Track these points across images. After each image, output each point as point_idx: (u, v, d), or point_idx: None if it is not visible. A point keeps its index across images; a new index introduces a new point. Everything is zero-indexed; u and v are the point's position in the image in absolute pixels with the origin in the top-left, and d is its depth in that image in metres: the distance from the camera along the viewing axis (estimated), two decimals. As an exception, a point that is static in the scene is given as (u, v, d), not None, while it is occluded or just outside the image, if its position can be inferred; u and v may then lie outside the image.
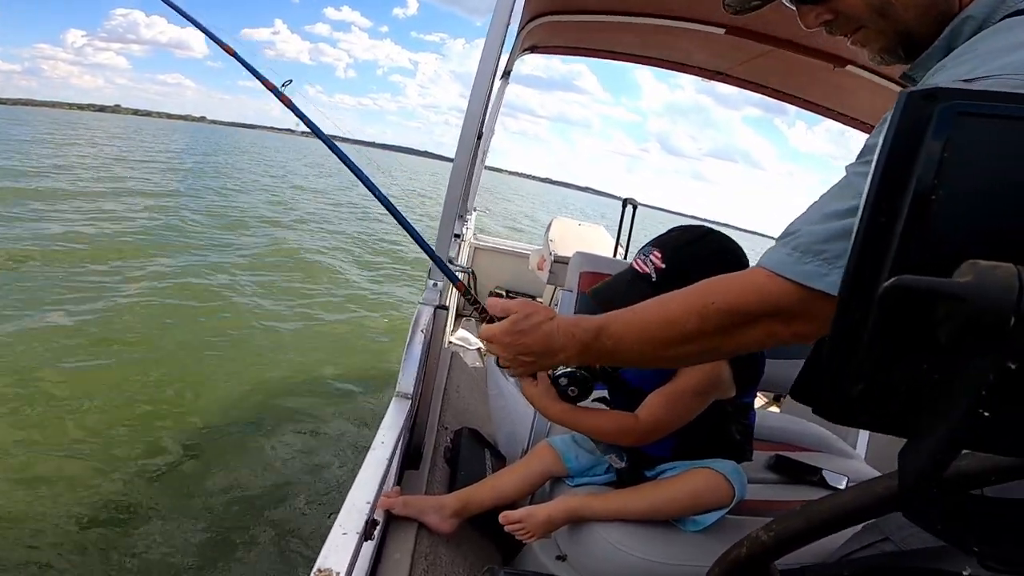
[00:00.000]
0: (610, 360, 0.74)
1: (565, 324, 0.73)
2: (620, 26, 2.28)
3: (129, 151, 21.03)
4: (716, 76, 2.69)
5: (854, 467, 1.31)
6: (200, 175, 15.43)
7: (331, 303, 5.60)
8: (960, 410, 0.24)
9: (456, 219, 1.41)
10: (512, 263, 3.72)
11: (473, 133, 1.34)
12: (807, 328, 0.59)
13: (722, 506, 0.94)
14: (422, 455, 1.33)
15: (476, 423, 1.69)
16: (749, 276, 0.62)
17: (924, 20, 0.62)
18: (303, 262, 7.15)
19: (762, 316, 0.60)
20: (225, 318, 4.62)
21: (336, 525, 0.71)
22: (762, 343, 0.63)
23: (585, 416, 0.95)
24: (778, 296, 0.58)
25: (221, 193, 12.59)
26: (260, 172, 21.55)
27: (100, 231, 6.83)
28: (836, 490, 1.19)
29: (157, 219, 8.21)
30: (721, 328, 0.62)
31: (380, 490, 0.81)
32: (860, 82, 2.32)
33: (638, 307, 0.68)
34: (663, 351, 0.66)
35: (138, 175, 12.79)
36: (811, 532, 0.42)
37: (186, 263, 6.10)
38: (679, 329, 0.64)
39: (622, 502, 0.94)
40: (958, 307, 0.24)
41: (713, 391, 0.94)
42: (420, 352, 1.17)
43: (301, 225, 9.95)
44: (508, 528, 0.98)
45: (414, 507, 1.03)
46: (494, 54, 1.36)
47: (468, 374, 2.17)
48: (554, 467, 1.08)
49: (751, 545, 0.46)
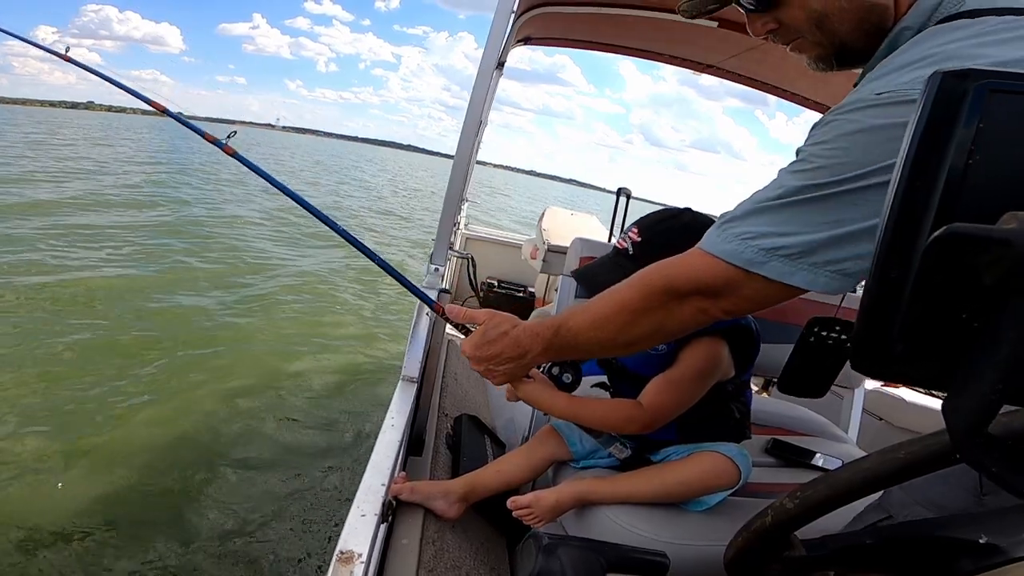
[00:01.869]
0: (573, 352, 0.79)
1: (529, 326, 0.80)
2: (614, 18, 2.29)
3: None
4: (707, 69, 2.71)
5: (847, 451, 1.35)
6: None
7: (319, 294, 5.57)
8: (1004, 354, 0.26)
9: (458, 206, 1.41)
10: (504, 253, 3.73)
11: (476, 122, 1.35)
12: (736, 303, 0.63)
13: (729, 487, 0.96)
14: (424, 441, 1.34)
15: (474, 410, 1.70)
16: (688, 256, 0.66)
17: (858, 33, 0.66)
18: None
19: (692, 293, 0.65)
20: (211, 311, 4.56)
21: (354, 507, 0.71)
22: (696, 318, 0.67)
23: (590, 406, 0.96)
24: (702, 273, 0.63)
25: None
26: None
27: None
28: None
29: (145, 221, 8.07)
30: (660, 305, 0.67)
31: (393, 472, 0.82)
32: (851, 78, 2.36)
33: (591, 301, 0.74)
34: (617, 335, 0.71)
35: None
36: (837, 497, 0.44)
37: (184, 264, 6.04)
38: (628, 311, 0.69)
39: (630, 486, 0.96)
40: (1005, 252, 0.25)
41: (715, 372, 0.95)
42: (425, 337, 1.18)
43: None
44: (516, 513, 0.99)
45: (421, 493, 1.04)
46: (497, 44, 1.37)
47: (463, 361, 2.18)
48: (558, 451, 1.09)
49: (776, 513, 0.48)
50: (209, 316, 4.45)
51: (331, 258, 6.97)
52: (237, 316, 4.57)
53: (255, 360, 3.75)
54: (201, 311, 4.52)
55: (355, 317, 5.12)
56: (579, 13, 2.23)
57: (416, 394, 1.09)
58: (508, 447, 1.54)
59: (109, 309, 4.18)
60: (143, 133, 33.35)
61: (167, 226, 7.60)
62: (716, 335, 0.95)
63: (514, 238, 3.79)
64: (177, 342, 3.79)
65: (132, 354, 3.50)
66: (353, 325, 4.89)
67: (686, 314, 0.66)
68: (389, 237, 9.76)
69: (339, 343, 4.36)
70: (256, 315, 4.67)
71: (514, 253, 3.56)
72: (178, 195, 10.69)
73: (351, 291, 5.91)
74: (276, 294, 5.36)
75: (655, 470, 0.98)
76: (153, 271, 5.39)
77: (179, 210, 9.05)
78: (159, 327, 4.01)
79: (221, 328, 4.25)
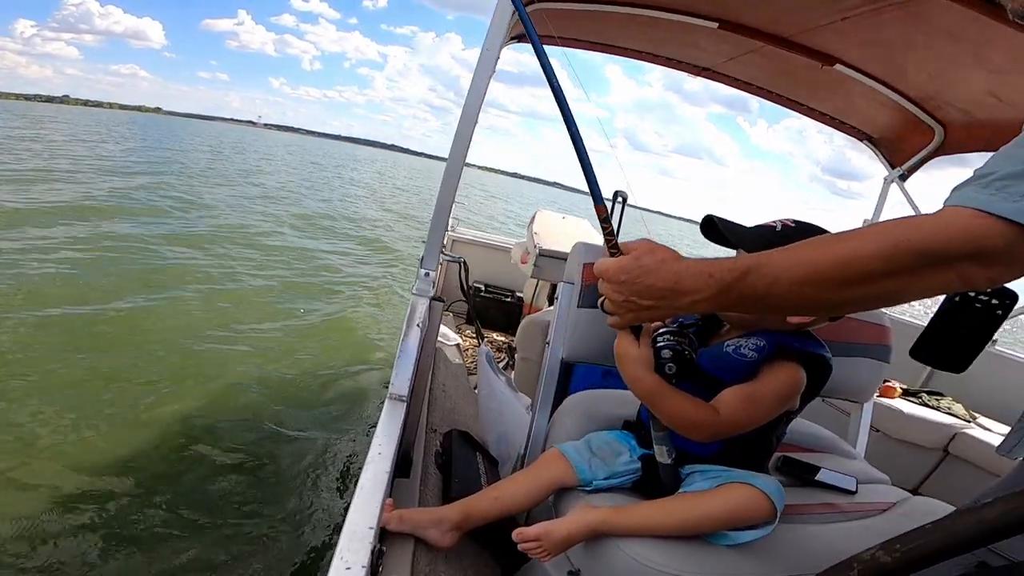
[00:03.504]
0: (754, 305, 0.66)
1: (697, 264, 0.67)
2: (612, 17, 2.22)
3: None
4: (704, 72, 2.67)
5: (859, 467, 1.28)
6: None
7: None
8: None
9: (450, 208, 1.33)
10: (492, 256, 3.64)
11: (472, 121, 1.29)
12: (1003, 272, 0.57)
13: (760, 523, 0.87)
14: (412, 461, 1.24)
15: (463, 424, 1.60)
16: (947, 215, 0.57)
17: None
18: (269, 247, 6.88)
19: (962, 257, 0.56)
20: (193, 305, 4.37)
21: (336, 558, 0.60)
22: (950, 286, 0.59)
23: (673, 397, 0.84)
24: (983, 235, 0.55)
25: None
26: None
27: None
28: (848, 492, 1.16)
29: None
30: (910, 269, 0.58)
31: (382, 511, 0.71)
32: (846, 82, 2.33)
33: (794, 247, 0.63)
34: (832, 293, 0.61)
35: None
36: (949, 550, 0.36)
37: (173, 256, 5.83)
38: (859, 268, 0.59)
39: (649, 517, 0.86)
40: None
41: (791, 399, 0.88)
42: (415, 349, 1.08)
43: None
44: (523, 547, 0.89)
45: (411, 522, 0.94)
46: (498, 43, 1.31)
47: (451, 371, 2.08)
48: (565, 477, 0.99)
49: (865, 569, 0.40)
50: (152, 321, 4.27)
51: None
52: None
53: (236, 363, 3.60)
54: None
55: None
56: (577, 10, 2.16)
57: (405, 413, 0.99)
58: (501, 463, 1.45)
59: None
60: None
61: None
62: (798, 362, 0.88)
63: (503, 241, 3.70)
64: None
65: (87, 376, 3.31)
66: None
67: (940, 281, 0.58)
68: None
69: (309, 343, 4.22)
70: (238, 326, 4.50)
71: (501, 257, 3.47)
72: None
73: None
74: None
75: (677, 502, 0.89)
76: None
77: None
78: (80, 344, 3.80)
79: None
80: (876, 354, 1.41)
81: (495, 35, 1.32)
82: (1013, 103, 2.07)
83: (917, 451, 2.10)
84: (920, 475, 2.14)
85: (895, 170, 2.85)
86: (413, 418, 1.18)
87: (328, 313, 5.11)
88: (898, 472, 1.37)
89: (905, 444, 2.10)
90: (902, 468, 1.83)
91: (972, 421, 2.20)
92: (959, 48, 1.84)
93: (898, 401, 2.20)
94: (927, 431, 2.08)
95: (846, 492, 1.16)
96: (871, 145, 2.90)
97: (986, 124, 2.32)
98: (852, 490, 1.16)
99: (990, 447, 1.96)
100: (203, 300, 4.74)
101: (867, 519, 1.07)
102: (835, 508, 1.08)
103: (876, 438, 2.04)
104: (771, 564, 0.84)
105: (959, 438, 2.07)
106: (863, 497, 1.15)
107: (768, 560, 0.85)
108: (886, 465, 1.35)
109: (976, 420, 2.23)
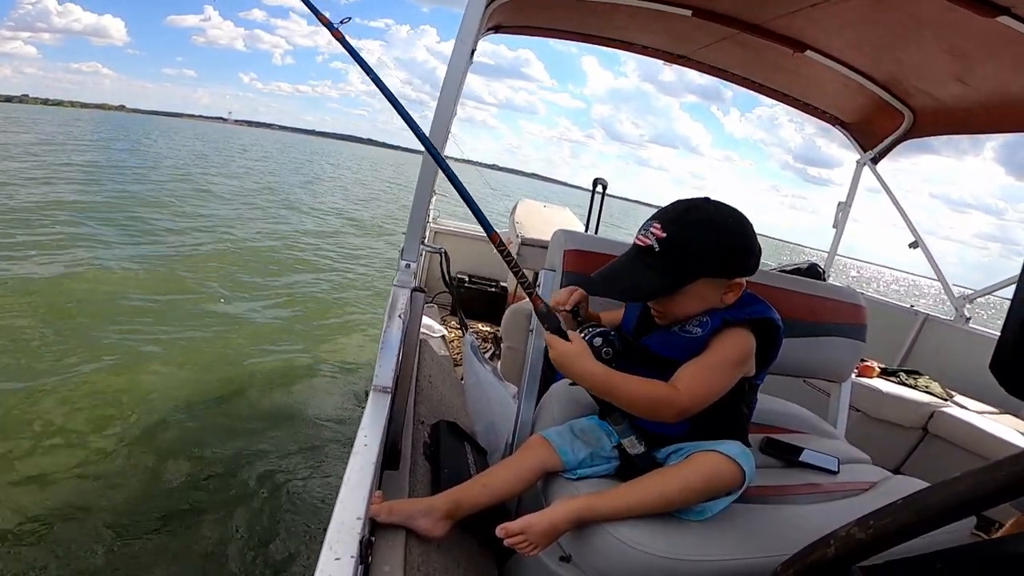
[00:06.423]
0: None
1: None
2: (588, 6, 2.22)
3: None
4: (679, 60, 2.68)
5: (840, 447, 1.32)
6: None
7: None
8: None
9: (429, 199, 1.32)
10: (474, 247, 3.62)
11: (449, 112, 1.28)
12: None
13: (732, 491, 0.90)
14: (400, 453, 1.23)
15: (451, 415, 1.60)
16: None
17: None
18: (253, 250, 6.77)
19: None
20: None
21: (325, 548, 0.59)
22: None
23: (628, 381, 0.88)
24: None
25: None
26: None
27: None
28: (830, 472, 1.19)
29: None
30: None
31: (369, 502, 0.71)
32: (817, 68, 2.37)
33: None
34: None
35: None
36: (921, 524, 0.38)
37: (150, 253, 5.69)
38: None
39: (630, 497, 0.88)
40: None
41: (745, 363, 0.91)
42: (398, 340, 1.07)
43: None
44: (508, 542, 0.89)
45: (401, 513, 0.94)
46: (471, 34, 1.31)
47: (437, 363, 2.07)
48: (549, 461, 1.00)
49: (841, 544, 0.41)
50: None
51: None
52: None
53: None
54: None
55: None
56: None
57: (390, 404, 0.99)
58: (489, 453, 1.46)
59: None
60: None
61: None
62: (745, 326, 0.90)
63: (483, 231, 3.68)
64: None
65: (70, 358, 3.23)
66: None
67: None
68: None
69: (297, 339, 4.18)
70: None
71: (484, 247, 3.46)
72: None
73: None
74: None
75: (653, 478, 0.90)
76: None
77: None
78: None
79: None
80: (852, 333, 1.44)
81: (469, 26, 1.31)
82: (978, 88, 2.13)
83: (897, 430, 2.13)
84: (900, 454, 2.16)
85: (867, 153, 2.90)
86: (399, 410, 1.18)
87: (314, 308, 5.08)
88: (879, 452, 1.41)
89: (885, 423, 2.13)
90: (882, 447, 1.86)
91: (949, 400, 2.23)
92: (926, 34, 1.88)
93: (877, 380, 2.25)
94: (906, 410, 2.11)
95: (828, 472, 1.19)
96: (843, 130, 2.95)
97: (953, 109, 2.38)
98: (834, 470, 1.19)
99: (968, 425, 1.99)
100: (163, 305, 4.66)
101: (849, 498, 1.09)
102: (818, 488, 1.11)
103: (856, 418, 2.07)
104: (755, 544, 0.86)
105: (937, 416, 2.09)
106: (845, 477, 1.18)
107: (752, 540, 0.87)
108: (866, 445, 1.38)
109: (953, 399, 2.25)
